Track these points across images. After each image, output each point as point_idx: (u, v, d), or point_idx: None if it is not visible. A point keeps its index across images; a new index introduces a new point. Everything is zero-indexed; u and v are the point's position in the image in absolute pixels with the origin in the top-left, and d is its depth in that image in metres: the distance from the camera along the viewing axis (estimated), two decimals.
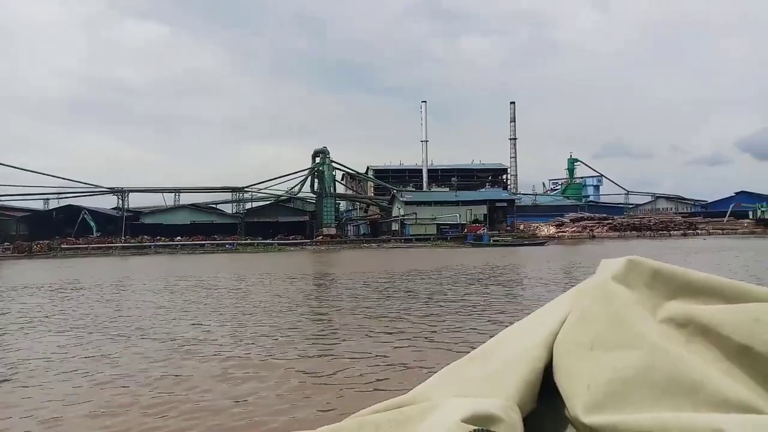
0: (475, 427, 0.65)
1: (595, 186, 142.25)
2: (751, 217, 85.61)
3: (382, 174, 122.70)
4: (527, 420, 0.73)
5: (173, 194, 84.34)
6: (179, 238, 75.42)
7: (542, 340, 0.79)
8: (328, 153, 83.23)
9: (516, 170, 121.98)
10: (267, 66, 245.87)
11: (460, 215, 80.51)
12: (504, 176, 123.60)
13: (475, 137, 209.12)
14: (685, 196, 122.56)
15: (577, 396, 0.70)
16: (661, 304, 0.76)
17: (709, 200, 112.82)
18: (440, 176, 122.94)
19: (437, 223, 78.73)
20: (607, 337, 0.73)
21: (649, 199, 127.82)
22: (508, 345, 0.85)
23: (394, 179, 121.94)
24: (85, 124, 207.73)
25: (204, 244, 71.15)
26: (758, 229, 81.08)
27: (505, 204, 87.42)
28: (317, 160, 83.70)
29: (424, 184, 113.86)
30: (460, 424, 0.66)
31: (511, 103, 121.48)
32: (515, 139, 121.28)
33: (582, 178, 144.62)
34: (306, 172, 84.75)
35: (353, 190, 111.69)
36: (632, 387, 0.67)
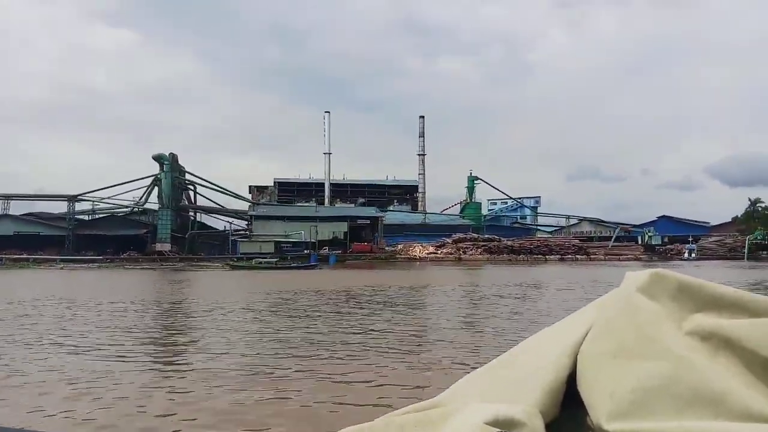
0: (498, 430, 0.65)
1: (532, 207, 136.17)
2: (639, 242, 77.72)
3: (286, 187, 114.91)
4: (549, 427, 0.72)
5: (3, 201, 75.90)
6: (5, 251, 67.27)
7: (566, 349, 0.78)
8: (168, 160, 74.98)
9: (425, 187, 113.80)
10: (239, 76, 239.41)
11: (304, 232, 72.04)
12: (416, 194, 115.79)
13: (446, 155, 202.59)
14: (609, 220, 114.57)
15: (600, 404, 0.69)
16: (686, 317, 0.75)
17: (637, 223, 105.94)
18: (349, 191, 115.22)
19: (276, 241, 70.21)
20: (631, 347, 0.72)
21: (575, 221, 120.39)
22: (533, 353, 0.84)
23: (299, 193, 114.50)
24: (51, 129, 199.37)
25: None
26: (644, 256, 73.14)
27: (368, 222, 78.91)
28: (164, 167, 75.48)
29: (326, 200, 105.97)
30: (483, 427, 0.66)
31: (420, 117, 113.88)
32: (424, 155, 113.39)
33: (520, 198, 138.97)
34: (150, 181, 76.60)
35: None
36: (655, 397, 0.66)
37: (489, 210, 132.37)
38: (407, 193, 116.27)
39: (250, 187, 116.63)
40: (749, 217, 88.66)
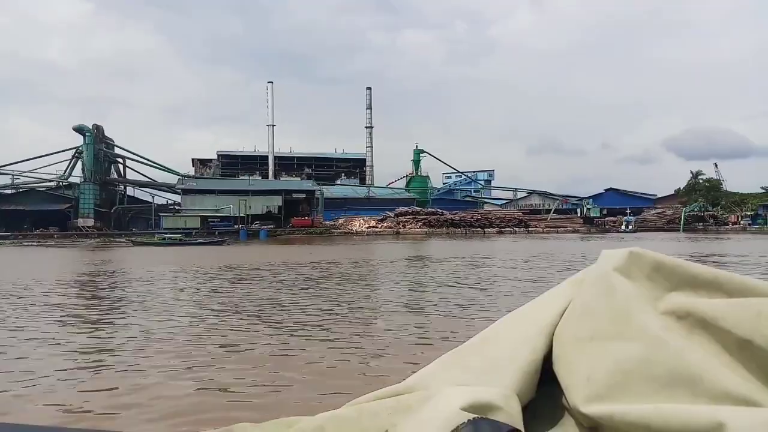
0: (474, 416, 0.64)
1: (486, 180, 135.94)
2: (579, 214, 77.09)
3: (229, 160, 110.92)
4: (526, 409, 0.72)
5: None
6: None
7: (542, 330, 0.77)
8: (90, 131, 71.00)
9: (372, 161, 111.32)
10: (201, 50, 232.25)
11: (233, 207, 69.28)
12: (364, 167, 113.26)
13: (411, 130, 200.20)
14: (559, 193, 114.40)
15: (577, 386, 0.69)
16: (662, 296, 0.75)
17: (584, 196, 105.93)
18: (296, 165, 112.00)
19: (203, 216, 67.31)
20: (607, 328, 0.72)
21: (525, 194, 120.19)
22: (508, 333, 0.83)
23: (243, 166, 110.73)
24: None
25: None
26: (582, 228, 72.48)
27: (303, 195, 76.44)
28: (86, 139, 71.39)
29: (270, 173, 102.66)
30: (460, 413, 0.64)
31: (367, 88, 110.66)
32: (371, 127, 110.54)
33: (474, 172, 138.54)
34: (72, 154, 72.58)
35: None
36: (632, 379, 0.66)
37: (444, 183, 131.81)
38: (356, 167, 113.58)
39: (192, 160, 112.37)
40: (691, 189, 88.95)
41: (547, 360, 0.76)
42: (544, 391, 0.75)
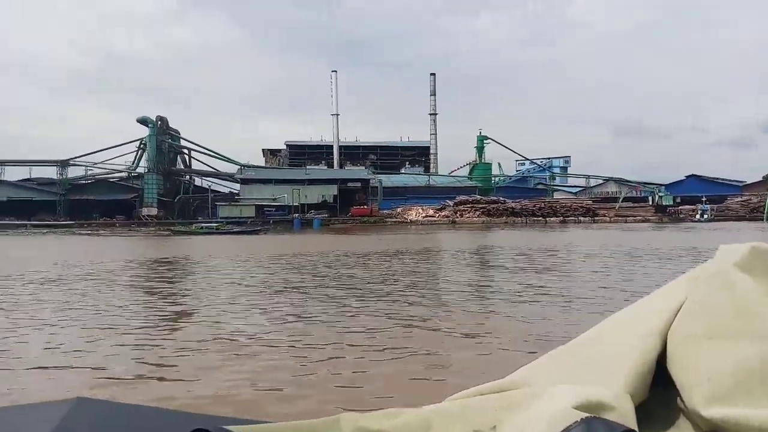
0: (587, 414, 0.60)
1: (562, 167, 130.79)
2: (650, 203, 71.78)
3: (297, 150, 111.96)
4: (638, 409, 0.68)
5: None
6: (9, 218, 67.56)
7: (655, 328, 0.73)
8: (152, 122, 73.06)
9: (436, 148, 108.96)
10: (274, 40, 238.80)
11: (287, 196, 69.31)
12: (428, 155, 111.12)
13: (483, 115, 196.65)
14: (637, 180, 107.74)
15: (696, 387, 0.65)
16: None
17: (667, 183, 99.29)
18: (360, 153, 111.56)
19: (257, 205, 67.79)
20: (728, 327, 0.67)
21: (600, 182, 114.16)
22: (618, 332, 0.79)
23: (310, 156, 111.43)
24: (79, 94, 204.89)
25: None
26: (654, 217, 67.29)
27: (359, 185, 75.44)
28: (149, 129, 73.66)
29: (335, 163, 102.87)
30: (571, 411, 0.61)
31: (431, 74, 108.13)
32: (435, 114, 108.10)
33: (549, 158, 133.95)
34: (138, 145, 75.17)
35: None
36: (756, 380, 0.61)
37: (517, 171, 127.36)
38: (421, 155, 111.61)
39: (263, 150, 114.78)
40: None
41: (660, 360, 0.72)
42: (657, 391, 0.71)
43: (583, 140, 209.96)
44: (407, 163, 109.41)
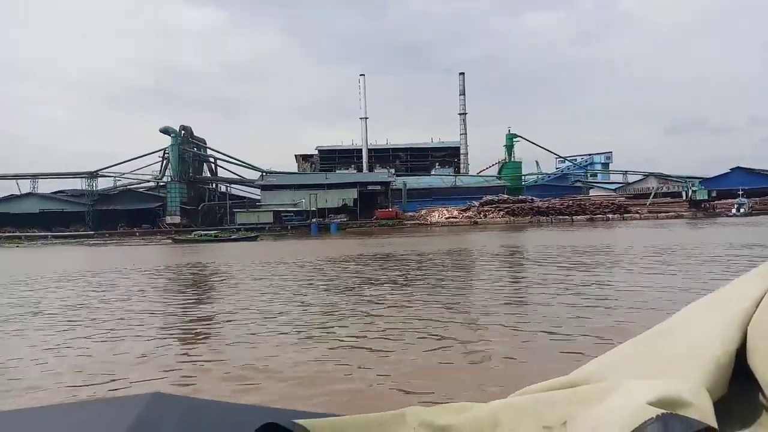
0: (663, 411, 0.58)
1: (603, 164, 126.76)
2: (684, 198, 67.89)
3: (328, 154, 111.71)
4: (716, 406, 0.64)
5: (29, 181, 78.55)
6: (34, 229, 70.00)
7: (733, 321, 0.69)
8: (175, 133, 73.97)
9: (467, 148, 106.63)
10: (323, 48, 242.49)
11: (305, 201, 68.73)
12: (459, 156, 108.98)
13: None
14: (680, 175, 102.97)
15: None
16: None
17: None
18: (390, 156, 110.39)
19: (275, 211, 67.45)
20: None
21: (640, 178, 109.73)
22: (694, 324, 0.76)
23: (341, 160, 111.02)
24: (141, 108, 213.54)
25: None
26: (687, 212, 63.50)
27: (379, 187, 74.24)
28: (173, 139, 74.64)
29: (364, 166, 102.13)
30: (646, 407, 0.59)
31: (460, 74, 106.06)
32: (465, 114, 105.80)
33: (590, 155, 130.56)
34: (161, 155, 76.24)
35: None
36: None
37: (557, 168, 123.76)
38: (451, 156, 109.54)
39: (296, 156, 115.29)
40: None
41: (739, 353, 0.68)
42: (737, 386, 0.67)
43: (635, 136, 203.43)
44: (437, 164, 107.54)
